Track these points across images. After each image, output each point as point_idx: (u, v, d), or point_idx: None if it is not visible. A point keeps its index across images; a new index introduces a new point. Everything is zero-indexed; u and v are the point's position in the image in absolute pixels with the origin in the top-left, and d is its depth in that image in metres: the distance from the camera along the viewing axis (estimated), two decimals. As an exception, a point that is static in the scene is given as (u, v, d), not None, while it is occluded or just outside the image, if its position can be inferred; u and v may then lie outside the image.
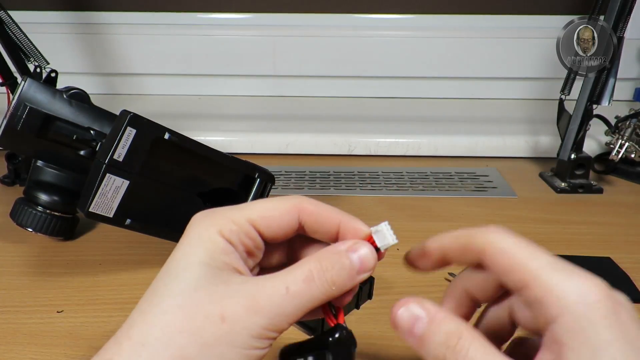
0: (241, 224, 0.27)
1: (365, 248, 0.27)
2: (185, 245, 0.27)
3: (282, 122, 0.97)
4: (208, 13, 1.07)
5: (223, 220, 0.27)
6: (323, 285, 0.26)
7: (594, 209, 0.72)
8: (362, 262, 0.27)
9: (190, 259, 0.26)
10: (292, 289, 0.25)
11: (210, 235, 0.26)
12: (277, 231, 0.28)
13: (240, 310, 0.25)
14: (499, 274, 0.26)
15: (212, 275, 0.26)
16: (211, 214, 0.28)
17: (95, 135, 0.54)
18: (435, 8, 1.06)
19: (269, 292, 0.25)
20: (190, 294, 0.25)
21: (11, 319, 0.48)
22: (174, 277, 0.26)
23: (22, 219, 0.56)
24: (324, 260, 0.26)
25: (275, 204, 0.28)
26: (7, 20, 0.69)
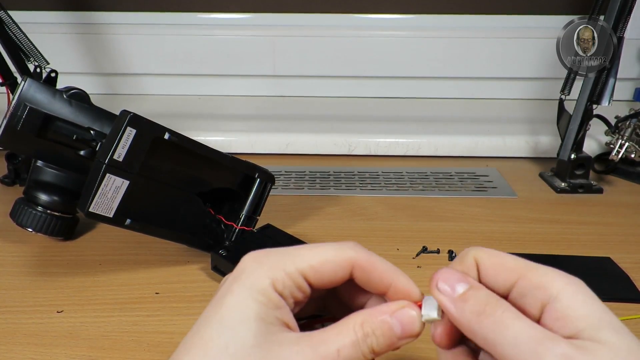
0: (294, 277, 0.27)
1: (411, 314, 0.27)
2: (238, 294, 0.26)
3: (282, 122, 0.97)
4: (208, 13, 1.07)
5: (277, 272, 0.26)
6: (365, 350, 0.26)
7: (594, 209, 0.72)
8: (404, 330, 0.27)
9: (246, 313, 0.25)
10: (342, 352, 0.25)
11: (264, 288, 0.26)
12: (327, 283, 0.28)
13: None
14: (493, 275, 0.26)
15: (267, 332, 0.25)
16: (264, 261, 0.27)
17: (95, 135, 0.54)
18: (435, 8, 1.06)
19: (323, 354, 0.25)
20: (247, 353, 0.25)
21: (11, 319, 0.48)
22: (229, 329, 0.25)
23: (22, 219, 0.56)
24: (366, 324, 0.26)
25: (329, 254, 0.28)
26: (7, 20, 0.69)
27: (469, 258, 0.27)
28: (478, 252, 0.27)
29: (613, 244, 0.62)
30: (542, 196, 0.76)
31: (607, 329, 0.23)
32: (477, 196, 0.76)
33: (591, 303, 0.24)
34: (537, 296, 0.25)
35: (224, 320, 0.25)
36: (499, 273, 0.26)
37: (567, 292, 0.24)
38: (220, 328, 0.25)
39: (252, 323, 0.25)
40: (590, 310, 0.24)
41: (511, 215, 0.70)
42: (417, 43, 1.04)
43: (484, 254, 0.27)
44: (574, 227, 0.67)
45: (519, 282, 0.25)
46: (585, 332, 0.23)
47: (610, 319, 0.24)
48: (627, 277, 0.55)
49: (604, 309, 0.24)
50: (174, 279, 0.55)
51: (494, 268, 0.26)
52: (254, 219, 0.59)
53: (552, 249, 0.61)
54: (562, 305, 0.24)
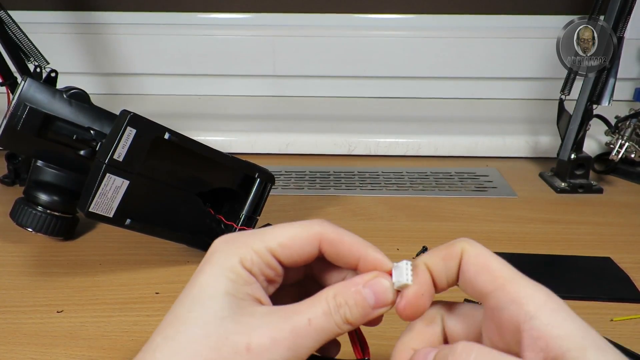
0: (262, 254, 0.27)
1: (382, 283, 0.27)
2: (209, 273, 0.27)
3: (282, 122, 0.97)
4: (208, 13, 1.07)
5: (245, 250, 0.27)
6: (338, 322, 0.26)
7: (594, 209, 0.72)
8: (377, 299, 0.27)
9: (216, 288, 0.26)
10: (313, 321, 0.26)
11: (233, 266, 0.27)
12: (297, 259, 0.28)
13: (266, 341, 0.25)
14: (473, 274, 0.26)
15: (237, 306, 0.26)
16: (232, 241, 0.28)
17: (95, 135, 0.54)
18: (435, 8, 1.06)
19: (294, 324, 0.26)
20: (217, 324, 0.25)
21: (11, 319, 0.48)
22: (199, 305, 0.26)
23: (22, 219, 0.56)
24: (339, 296, 0.26)
25: (297, 231, 0.28)
26: (7, 20, 0.69)
27: (456, 249, 0.27)
28: (467, 246, 0.27)
29: (613, 244, 0.62)
30: (542, 196, 0.76)
31: (593, 349, 0.22)
32: (477, 196, 0.76)
33: (572, 321, 0.23)
34: (514, 311, 0.24)
35: (195, 297, 0.26)
36: (480, 275, 0.26)
37: (546, 309, 0.23)
38: (192, 304, 0.26)
39: (222, 297, 0.26)
40: (573, 328, 0.23)
41: (511, 215, 0.70)
42: (417, 43, 1.04)
43: (472, 250, 0.26)
44: (574, 227, 0.67)
45: (497, 292, 0.25)
46: (571, 352, 0.22)
47: (593, 337, 0.23)
48: (627, 277, 0.55)
49: (586, 327, 0.23)
50: (174, 279, 0.55)
51: (476, 269, 0.26)
52: (254, 218, 0.59)
53: (552, 249, 0.61)
54: (541, 323, 0.23)
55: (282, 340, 0.25)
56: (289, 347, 0.25)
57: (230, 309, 0.26)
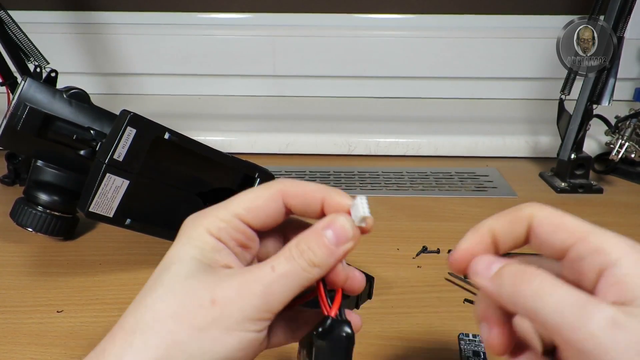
0: (228, 220, 0.28)
1: (340, 220, 0.27)
2: (176, 244, 0.28)
3: (282, 122, 0.97)
4: (208, 13, 1.07)
5: (210, 219, 0.28)
6: (304, 265, 0.26)
7: (594, 209, 0.72)
8: (337, 236, 0.27)
9: (181, 255, 0.27)
10: (277, 268, 0.26)
11: (200, 234, 0.27)
12: (265, 219, 0.28)
13: (232, 293, 0.25)
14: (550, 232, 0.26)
15: (204, 268, 0.26)
16: (199, 215, 0.28)
17: (95, 135, 0.54)
18: (435, 8, 1.06)
19: (257, 273, 0.26)
20: (181, 282, 0.26)
21: (11, 319, 0.48)
22: (166, 270, 0.27)
23: (22, 219, 0.56)
24: (301, 241, 0.27)
25: (258, 192, 0.28)
26: (7, 20, 0.69)
27: (524, 213, 0.27)
28: (536, 209, 0.27)
29: (613, 244, 0.62)
30: (542, 196, 0.76)
31: None
32: (477, 196, 0.76)
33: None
34: (596, 260, 0.24)
35: (163, 266, 0.27)
36: (557, 233, 0.25)
37: (629, 259, 0.23)
38: (160, 272, 0.27)
39: (189, 261, 0.26)
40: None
41: (511, 215, 0.70)
42: (417, 43, 1.04)
43: (543, 212, 0.26)
44: (574, 227, 0.67)
45: (578, 244, 0.25)
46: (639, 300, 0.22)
47: None
48: (627, 277, 0.54)
49: None
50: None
51: (552, 228, 0.26)
52: (254, 219, 0.59)
53: (552, 249, 0.61)
54: (620, 271, 0.23)
55: (247, 290, 0.25)
56: (255, 296, 0.25)
57: (196, 269, 0.26)
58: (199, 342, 0.25)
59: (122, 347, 0.25)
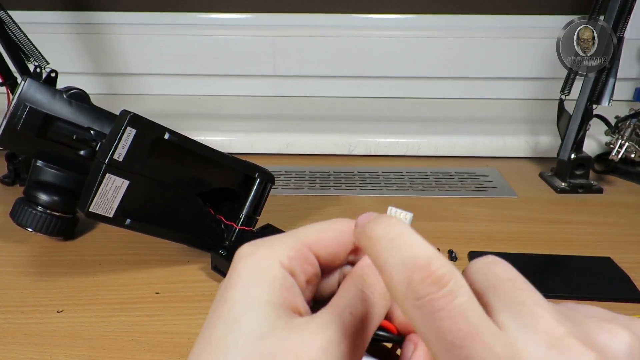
0: (299, 250, 0.24)
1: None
2: (239, 281, 0.23)
3: (282, 122, 0.97)
4: (208, 13, 1.07)
5: (279, 247, 0.23)
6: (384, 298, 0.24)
7: (594, 209, 0.72)
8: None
9: (249, 299, 0.22)
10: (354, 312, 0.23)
11: (270, 267, 0.23)
12: (333, 253, 0.25)
13: (318, 354, 0.21)
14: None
15: (276, 317, 0.22)
16: (263, 243, 0.24)
17: (95, 135, 0.54)
18: (435, 8, 1.06)
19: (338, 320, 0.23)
20: (259, 344, 0.21)
21: (11, 319, 0.48)
22: (233, 322, 0.22)
23: (22, 219, 0.56)
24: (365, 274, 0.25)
25: (329, 224, 0.26)
26: (7, 20, 0.69)
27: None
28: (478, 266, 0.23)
29: (613, 244, 0.62)
30: (542, 196, 0.76)
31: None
32: (477, 196, 0.76)
33: None
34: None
35: (228, 315, 0.22)
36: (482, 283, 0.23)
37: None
38: (226, 325, 0.22)
39: (260, 309, 0.22)
40: None
41: (511, 215, 0.70)
42: (417, 43, 1.04)
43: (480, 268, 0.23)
44: (574, 227, 0.67)
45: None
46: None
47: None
48: (627, 277, 0.55)
49: None
50: (174, 279, 0.55)
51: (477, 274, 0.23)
52: (254, 219, 0.59)
53: (552, 249, 0.61)
54: None
55: (334, 347, 0.22)
56: (343, 354, 0.22)
57: (269, 322, 0.22)
58: None
59: None
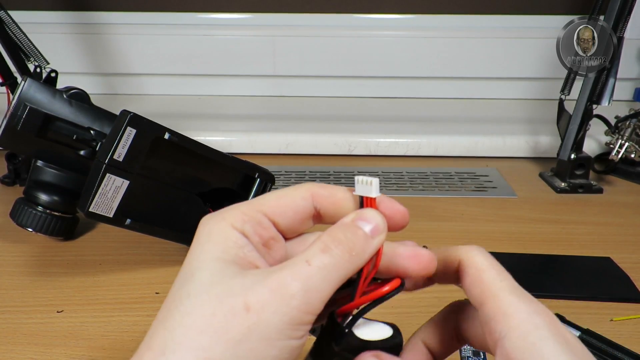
0: (252, 215, 0.25)
1: (370, 212, 0.25)
2: (195, 245, 0.25)
3: (282, 122, 0.97)
4: (208, 13, 1.07)
5: (232, 213, 0.25)
6: (344, 255, 0.24)
7: (594, 209, 0.72)
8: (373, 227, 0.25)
9: (203, 257, 0.24)
10: (313, 261, 0.23)
11: (221, 229, 0.24)
12: (292, 219, 0.26)
13: (267, 295, 0.22)
14: (466, 287, 0.25)
15: (228, 269, 0.23)
16: (219, 212, 0.26)
17: (95, 135, 0.54)
18: (435, 8, 1.06)
19: (292, 269, 0.23)
20: (207, 290, 0.23)
21: (11, 319, 0.48)
22: (188, 278, 0.24)
23: (22, 219, 0.56)
24: (334, 232, 0.24)
25: (286, 190, 0.27)
26: (7, 20, 0.69)
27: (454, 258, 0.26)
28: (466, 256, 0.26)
29: (613, 244, 0.62)
30: (542, 196, 0.76)
31: None
32: (477, 196, 0.76)
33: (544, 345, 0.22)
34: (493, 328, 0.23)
35: (184, 273, 0.25)
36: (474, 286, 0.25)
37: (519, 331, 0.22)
38: (182, 281, 0.24)
39: (209, 263, 0.24)
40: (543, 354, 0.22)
41: (511, 215, 0.70)
42: (417, 43, 1.04)
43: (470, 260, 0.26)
44: (574, 227, 0.67)
45: (485, 305, 0.24)
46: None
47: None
48: (627, 277, 0.55)
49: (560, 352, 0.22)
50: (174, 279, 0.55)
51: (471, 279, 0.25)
52: (254, 219, 0.59)
53: (552, 249, 0.61)
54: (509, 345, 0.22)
55: (283, 289, 0.22)
56: (293, 296, 0.22)
57: (221, 273, 0.23)
58: (236, 356, 0.22)
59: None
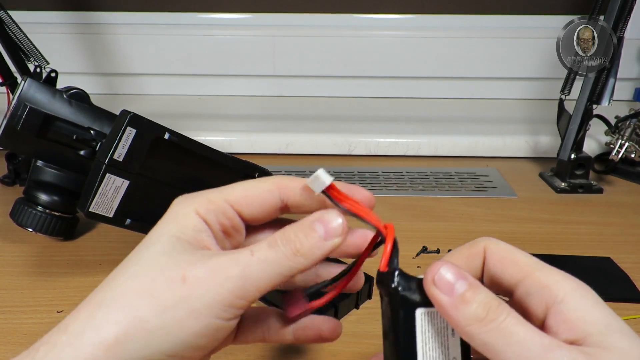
0: (218, 204, 0.27)
1: (330, 214, 0.26)
2: (161, 222, 0.27)
3: (282, 122, 0.97)
4: (208, 13, 1.07)
5: (200, 199, 0.27)
6: (288, 253, 0.25)
7: (594, 209, 0.72)
8: (327, 230, 0.25)
9: (162, 233, 0.26)
10: (256, 253, 0.25)
11: (185, 213, 0.27)
12: (258, 210, 0.28)
13: (205, 273, 0.24)
14: (499, 269, 0.26)
15: (180, 246, 0.25)
16: (190, 196, 0.28)
17: (95, 135, 0.54)
18: (435, 8, 1.06)
19: (235, 256, 0.25)
20: (155, 259, 0.25)
21: (11, 319, 0.48)
22: (143, 248, 0.26)
23: (22, 219, 0.56)
24: (287, 230, 0.25)
25: (255, 182, 0.28)
26: (7, 20, 0.69)
27: (479, 247, 0.27)
28: (490, 243, 0.27)
29: (613, 244, 0.62)
30: (542, 196, 0.76)
31: (617, 335, 0.22)
32: (477, 196, 0.76)
33: (600, 308, 0.23)
34: (543, 296, 0.24)
35: (143, 242, 0.26)
36: (507, 268, 0.26)
37: (575, 295, 0.24)
38: (138, 248, 0.26)
39: (165, 238, 0.26)
40: (599, 315, 0.23)
41: (511, 215, 0.70)
42: (417, 43, 1.04)
43: (495, 246, 0.26)
44: (574, 227, 0.67)
45: (526, 280, 0.25)
46: (593, 337, 0.22)
47: (619, 325, 0.23)
48: (627, 277, 0.55)
49: (613, 315, 0.23)
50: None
51: (502, 262, 0.26)
52: (254, 219, 0.59)
53: (552, 249, 0.61)
54: (568, 308, 0.23)
55: (222, 271, 0.24)
56: (230, 279, 0.24)
57: (172, 247, 0.25)
58: (163, 320, 0.23)
59: (85, 320, 0.24)
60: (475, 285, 0.24)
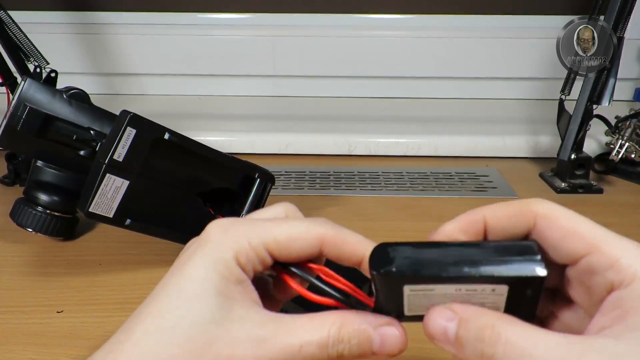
0: (258, 251, 0.26)
1: (394, 332, 0.25)
2: (200, 265, 0.25)
3: (282, 122, 0.97)
4: (208, 13, 1.07)
5: (241, 243, 0.25)
6: (332, 354, 0.24)
7: (594, 209, 0.72)
8: (383, 346, 0.25)
9: (206, 286, 0.24)
10: (304, 349, 0.24)
11: (227, 261, 0.25)
12: (294, 258, 0.27)
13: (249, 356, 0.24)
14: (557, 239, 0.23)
15: (228, 309, 0.24)
16: (230, 229, 0.26)
17: (95, 135, 0.54)
18: (435, 8, 1.06)
19: (283, 348, 0.24)
20: (203, 329, 0.24)
21: (11, 319, 0.48)
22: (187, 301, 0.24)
23: (22, 219, 0.56)
24: (344, 328, 0.24)
25: (298, 230, 0.26)
26: (7, 20, 0.69)
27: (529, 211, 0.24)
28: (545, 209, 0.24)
29: (613, 244, 0.62)
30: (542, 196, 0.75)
31: None
32: (477, 196, 0.76)
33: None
34: (608, 277, 0.22)
35: (183, 291, 0.24)
36: (568, 239, 0.23)
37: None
38: (178, 299, 0.24)
39: (212, 298, 0.24)
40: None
41: (511, 215, 0.70)
42: (417, 43, 1.04)
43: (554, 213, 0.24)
44: (574, 227, 0.67)
45: (591, 256, 0.22)
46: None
47: None
48: (627, 277, 0.54)
49: None
50: (174, 279, 0.55)
51: (562, 232, 0.23)
52: (254, 219, 0.59)
53: (552, 249, 0.61)
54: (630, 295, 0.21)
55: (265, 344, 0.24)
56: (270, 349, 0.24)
57: (218, 311, 0.24)
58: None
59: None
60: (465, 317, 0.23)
